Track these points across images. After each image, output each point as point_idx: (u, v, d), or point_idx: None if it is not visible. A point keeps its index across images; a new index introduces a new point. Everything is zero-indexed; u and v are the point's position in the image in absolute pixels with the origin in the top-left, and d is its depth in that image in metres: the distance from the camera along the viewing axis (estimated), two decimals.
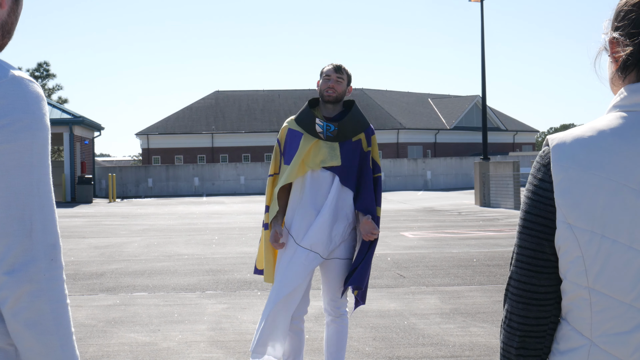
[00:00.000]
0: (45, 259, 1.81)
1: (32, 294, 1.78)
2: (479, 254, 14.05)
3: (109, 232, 20.40)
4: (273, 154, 5.61)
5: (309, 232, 5.28)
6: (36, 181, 1.82)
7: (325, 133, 5.33)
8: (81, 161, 43.00)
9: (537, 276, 1.82)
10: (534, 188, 1.82)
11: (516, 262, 1.87)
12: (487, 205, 29.81)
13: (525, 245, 1.84)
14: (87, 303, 9.80)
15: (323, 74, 5.45)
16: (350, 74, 5.52)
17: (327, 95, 5.37)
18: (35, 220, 1.81)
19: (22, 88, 1.84)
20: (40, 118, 1.84)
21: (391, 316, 8.70)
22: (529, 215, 1.83)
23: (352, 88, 5.57)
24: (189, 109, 69.76)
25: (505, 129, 76.08)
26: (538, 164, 1.83)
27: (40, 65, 71.65)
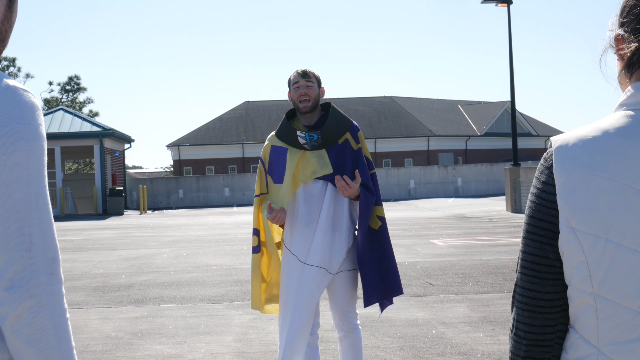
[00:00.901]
0: (46, 273, 1.77)
1: (33, 309, 1.74)
2: (510, 261, 13.90)
3: (138, 243, 20.46)
4: (257, 174, 5.39)
5: (312, 248, 5.09)
6: (34, 194, 1.78)
7: (310, 143, 5.15)
8: (112, 173, 43.26)
9: (542, 283, 1.76)
10: (537, 191, 1.76)
11: (521, 269, 1.81)
12: (518, 211, 29.58)
13: (529, 250, 1.78)
14: (115, 315, 9.80)
15: (291, 84, 5.25)
16: (318, 75, 5.32)
17: (302, 105, 5.18)
18: (34, 234, 1.76)
19: (17, 98, 1.79)
20: (35, 128, 1.80)
21: (419, 325, 8.60)
22: (532, 220, 1.76)
23: (324, 90, 5.35)
24: (219, 119, 69.99)
25: (536, 134, 75.55)
26: (542, 166, 1.77)
27: (71, 79, 72.29)
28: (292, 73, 5.30)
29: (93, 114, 71.95)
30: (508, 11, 32.00)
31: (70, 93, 72.49)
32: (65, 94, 72.36)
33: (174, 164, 68.39)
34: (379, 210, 5.24)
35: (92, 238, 22.99)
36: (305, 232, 5.14)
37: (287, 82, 5.32)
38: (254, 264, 5.35)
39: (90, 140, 40.88)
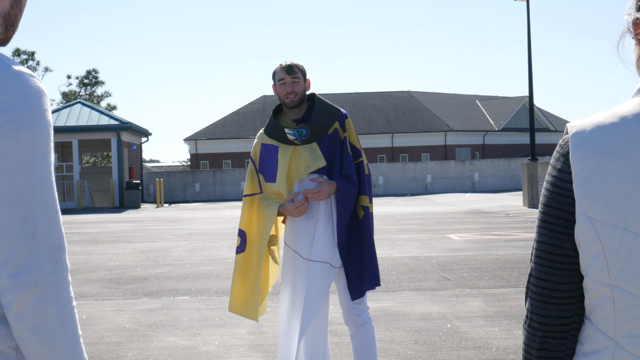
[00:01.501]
0: (50, 261, 1.74)
1: (37, 297, 1.71)
2: (526, 256, 13.83)
3: (154, 236, 20.50)
4: (248, 174, 5.30)
5: (314, 244, 4.99)
6: (39, 180, 1.75)
7: (300, 138, 5.05)
8: (129, 167, 43.38)
9: (557, 273, 1.70)
10: (553, 179, 1.70)
11: (535, 259, 1.74)
12: (535, 206, 29.44)
13: (544, 240, 1.72)
14: (129, 307, 9.80)
15: (276, 79, 5.13)
16: (303, 67, 5.18)
17: (289, 102, 5.07)
18: (39, 221, 1.73)
19: (22, 83, 1.76)
20: (41, 114, 1.77)
21: (434, 319, 8.56)
22: (548, 208, 1.71)
23: (310, 81, 5.22)
24: (236, 113, 70.09)
25: (554, 129, 75.21)
26: (557, 153, 1.71)
27: (89, 72, 72.55)
28: (276, 66, 5.17)
29: (111, 108, 72.20)
30: (527, 6, 31.86)
31: (88, 86, 72.78)
32: (83, 88, 72.66)
33: (191, 158, 68.56)
34: (364, 199, 5.09)
35: (108, 231, 23.05)
36: (306, 228, 5.04)
37: (272, 76, 5.18)
38: (237, 264, 5.25)
39: (107, 134, 41.01)
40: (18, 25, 1.93)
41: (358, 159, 5.14)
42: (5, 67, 1.75)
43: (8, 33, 1.91)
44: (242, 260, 5.24)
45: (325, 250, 4.98)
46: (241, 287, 5.23)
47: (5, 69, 1.75)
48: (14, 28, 1.92)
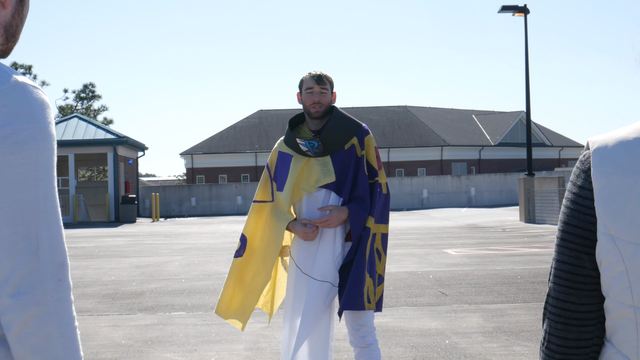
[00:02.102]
0: (53, 279, 1.68)
1: (39, 317, 1.65)
2: (524, 271, 13.78)
3: (150, 251, 20.41)
4: (262, 180, 5.22)
5: (316, 262, 4.88)
6: (42, 195, 1.69)
7: (312, 151, 4.95)
8: (125, 181, 43.32)
9: (577, 293, 1.64)
10: (573, 196, 1.64)
11: (554, 278, 1.68)
12: (532, 221, 29.43)
13: (564, 259, 1.66)
14: (125, 323, 9.73)
15: (304, 87, 5.02)
16: (332, 79, 5.07)
17: (314, 112, 4.96)
18: (42, 237, 1.68)
19: (26, 95, 1.71)
20: (45, 127, 1.72)
21: (432, 335, 8.50)
22: (568, 227, 1.64)
23: (336, 95, 5.12)
24: (232, 128, 70.09)
25: (550, 144, 75.29)
26: (578, 169, 1.65)
27: (86, 86, 72.57)
28: (305, 74, 5.07)
29: (107, 122, 72.17)
30: (525, 21, 31.91)
31: (85, 100, 72.77)
32: (80, 102, 72.65)
33: (187, 172, 68.50)
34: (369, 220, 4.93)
35: (103, 245, 22.97)
36: (310, 244, 4.94)
37: (299, 83, 5.08)
38: (233, 267, 5.20)
39: (104, 148, 40.95)
40: (19, 36, 1.89)
41: (373, 178, 5.00)
42: (8, 79, 1.70)
43: (9, 44, 1.87)
44: (239, 264, 5.17)
45: (326, 268, 4.88)
46: (232, 292, 5.17)
47: (7, 81, 1.70)
48: (15, 39, 1.87)
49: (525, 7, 31.76)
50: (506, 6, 31.62)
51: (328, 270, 4.88)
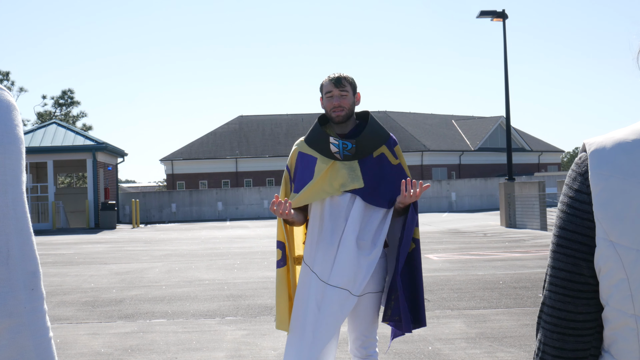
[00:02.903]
0: (26, 289, 1.59)
1: (12, 329, 1.56)
2: (506, 276, 13.75)
3: (130, 257, 20.25)
4: (283, 182, 5.00)
5: (335, 267, 4.67)
6: (11, 201, 1.60)
7: (342, 152, 4.74)
8: (105, 187, 43.06)
9: (574, 302, 1.56)
10: (570, 200, 1.56)
11: (549, 286, 1.60)
12: (512, 226, 29.46)
13: (560, 266, 1.58)
14: (104, 331, 9.60)
15: (323, 92, 4.85)
16: (353, 80, 4.90)
17: (336, 116, 4.79)
18: (12, 245, 1.58)
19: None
20: (11, 129, 1.62)
21: (415, 341, 8.43)
22: (564, 232, 1.57)
23: (360, 95, 4.94)
24: (212, 134, 69.93)
25: (530, 149, 75.62)
26: (574, 172, 1.58)
27: (65, 92, 72.12)
28: (324, 78, 4.89)
29: (86, 128, 71.76)
30: (503, 26, 31.97)
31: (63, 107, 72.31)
32: (58, 108, 72.19)
33: (167, 178, 68.27)
34: (416, 231, 4.88)
35: (83, 252, 22.78)
36: (329, 249, 4.73)
37: (319, 88, 4.90)
38: (280, 279, 4.91)
39: (83, 154, 40.68)
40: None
41: None
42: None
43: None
44: (283, 274, 4.93)
45: (345, 275, 4.66)
46: (286, 303, 4.90)
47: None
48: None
49: (503, 12, 31.84)
50: (485, 11, 31.69)
51: (347, 278, 4.67)
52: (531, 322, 9.28)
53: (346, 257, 4.65)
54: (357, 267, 4.66)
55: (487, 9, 31.74)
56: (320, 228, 4.79)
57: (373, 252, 4.71)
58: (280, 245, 4.92)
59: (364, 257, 4.68)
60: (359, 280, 4.66)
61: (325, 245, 4.73)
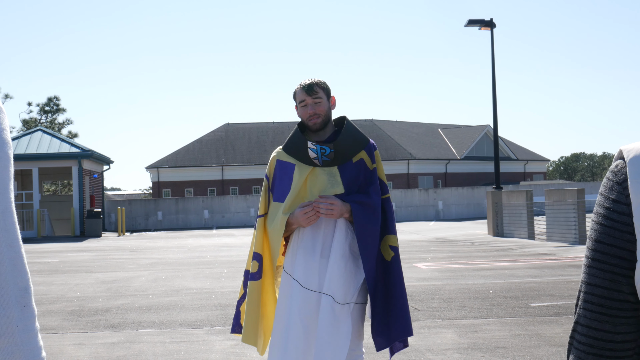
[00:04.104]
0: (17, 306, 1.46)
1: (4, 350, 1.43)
2: (495, 285, 13.66)
3: (116, 266, 20.07)
4: (262, 191, 4.85)
5: (319, 276, 4.53)
6: (1, 212, 1.48)
7: (321, 158, 4.62)
8: (90, 195, 42.79)
9: (612, 321, 1.44)
10: (606, 211, 1.45)
11: (584, 304, 1.48)
12: (500, 235, 29.41)
13: (596, 282, 1.46)
14: (91, 341, 9.45)
15: (297, 100, 4.74)
16: (325, 84, 4.77)
17: (312, 124, 4.69)
18: (2, 259, 1.45)
19: None
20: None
21: (407, 352, 8.31)
22: (601, 246, 1.45)
23: (335, 99, 4.82)
24: (199, 142, 69.73)
25: (515, 158, 75.77)
26: (610, 181, 1.46)
27: (51, 99, 71.69)
28: (296, 86, 4.77)
29: (72, 135, 71.37)
30: (491, 35, 31.99)
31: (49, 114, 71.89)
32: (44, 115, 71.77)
33: (153, 186, 68.02)
34: (392, 239, 4.72)
35: (68, 260, 22.58)
36: (309, 257, 4.60)
37: (292, 96, 4.79)
38: (253, 292, 4.75)
39: (68, 162, 40.42)
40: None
41: (385, 194, 4.79)
42: None
43: None
44: (257, 288, 4.77)
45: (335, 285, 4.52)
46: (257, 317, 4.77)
47: None
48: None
49: (491, 21, 31.87)
50: (472, 20, 31.71)
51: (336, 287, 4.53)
52: (523, 333, 9.19)
53: (337, 269, 4.53)
54: (344, 276, 4.54)
55: (475, 18, 31.75)
56: (301, 236, 4.67)
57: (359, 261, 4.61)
58: (258, 258, 4.78)
59: (351, 266, 4.58)
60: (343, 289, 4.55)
61: (305, 253, 4.60)
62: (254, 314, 4.76)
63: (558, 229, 25.27)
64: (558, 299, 11.76)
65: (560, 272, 15.74)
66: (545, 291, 12.71)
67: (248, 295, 4.78)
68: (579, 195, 24.35)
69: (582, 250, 21.28)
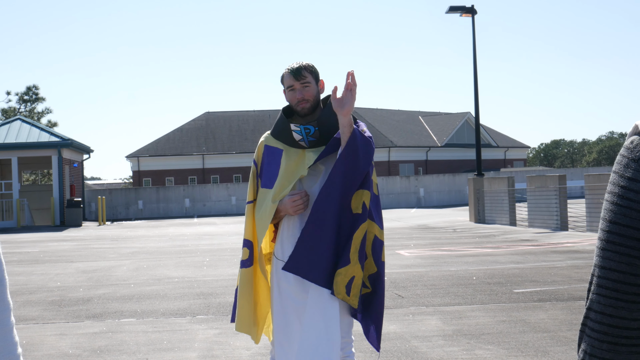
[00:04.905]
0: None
1: None
2: (478, 272, 13.64)
3: (97, 255, 19.93)
4: (250, 177, 4.74)
5: None
6: None
7: (307, 139, 4.51)
8: (70, 184, 42.53)
9: (628, 307, 1.36)
10: (622, 190, 1.36)
11: (598, 289, 1.39)
12: (482, 221, 29.45)
13: (612, 266, 1.37)
14: (72, 331, 9.34)
15: (285, 85, 4.61)
16: (314, 67, 4.64)
17: (301, 109, 4.55)
18: None
19: None
20: None
21: (391, 339, 8.26)
22: (617, 227, 1.36)
23: (324, 82, 4.67)
24: (179, 130, 69.45)
25: (496, 145, 75.94)
26: (625, 158, 1.37)
27: (29, 88, 71.14)
28: (284, 70, 4.63)
29: (52, 124, 70.89)
30: (472, 22, 31.96)
31: (28, 103, 71.35)
32: (23, 104, 71.24)
33: (133, 175, 67.72)
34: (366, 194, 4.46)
35: (49, 250, 22.40)
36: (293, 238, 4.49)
37: (280, 80, 4.65)
38: (244, 279, 4.66)
39: (48, 151, 40.15)
40: None
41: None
42: None
43: None
44: (249, 275, 4.67)
45: None
46: (249, 304, 4.69)
47: None
48: None
49: (472, 7, 31.83)
50: (454, 7, 31.66)
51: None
52: (507, 319, 9.16)
53: None
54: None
55: (456, 5, 31.71)
56: (290, 224, 4.55)
57: None
58: (248, 244, 4.68)
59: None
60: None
61: (295, 240, 4.48)
62: (246, 302, 4.68)
63: (540, 215, 25.31)
64: (541, 285, 11.75)
65: (542, 258, 15.75)
66: (528, 277, 12.70)
67: (240, 283, 4.68)
68: (560, 182, 24.40)
69: (564, 237, 21.33)
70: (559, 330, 8.41)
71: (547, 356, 7.29)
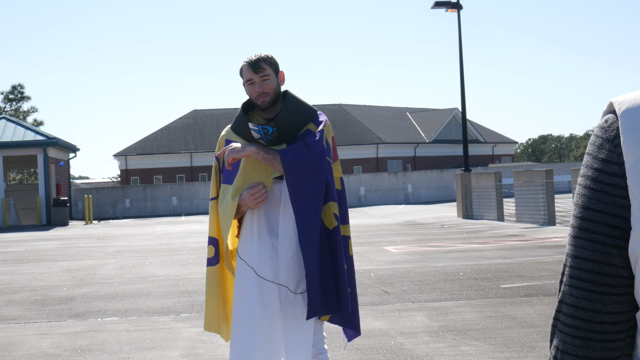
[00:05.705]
0: None
1: None
2: (465, 267, 13.56)
3: (82, 254, 19.78)
4: (212, 173, 4.64)
5: (271, 263, 4.32)
6: None
7: (265, 138, 4.38)
8: (56, 183, 42.30)
9: (603, 299, 1.25)
10: (595, 173, 1.25)
11: (570, 280, 1.28)
12: (469, 217, 29.40)
13: (585, 255, 1.26)
14: (53, 330, 9.22)
15: (244, 78, 4.50)
16: (273, 59, 4.55)
17: (261, 103, 4.44)
18: None
19: None
20: None
21: (376, 336, 8.17)
22: (589, 213, 1.25)
23: (284, 74, 4.59)
24: (166, 128, 69.23)
25: (484, 140, 75.99)
26: (599, 138, 1.26)
27: (15, 87, 70.79)
28: (242, 63, 4.52)
29: (37, 123, 70.54)
30: (458, 17, 31.89)
31: (13, 102, 71.01)
32: (8, 103, 70.89)
33: (121, 174, 67.47)
34: (333, 206, 4.42)
35: (34, 249, 22.23)
36: (265, 243, 4.37)
37: (239, 73, 4.55)
38: (211, 278, 4.55)
39: (33, 150, 39.92)
40: None
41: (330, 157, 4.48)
42: None
43: None
44: (215, 273, 4.55)
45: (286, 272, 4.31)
46: (216, 303, 4.56)
47: None
48: None
49: (458, 2, 31.76)
50: (439, 2, 31.58)
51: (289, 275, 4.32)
52: (494, 314, 9.09)
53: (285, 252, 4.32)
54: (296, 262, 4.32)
55: (442, 0, 31.62)
56: (255, 220, 4.42)
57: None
58: (214, 242, 4.57)
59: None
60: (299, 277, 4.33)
61: (261, 239, 4.37)
62: (214, 300, 4.57)
63: (527, 210, 25.28)
64: (528, 280, 11.68)
65: (530, 253, 15.69)
66: (515, 272, 12.63)
67: (207, 282, 4.57)
68: (547, 176, 24.35)
69: (551, 231, 21.29)
70: (545, 325, 8.34)
71: (534, 352, 7.21)
